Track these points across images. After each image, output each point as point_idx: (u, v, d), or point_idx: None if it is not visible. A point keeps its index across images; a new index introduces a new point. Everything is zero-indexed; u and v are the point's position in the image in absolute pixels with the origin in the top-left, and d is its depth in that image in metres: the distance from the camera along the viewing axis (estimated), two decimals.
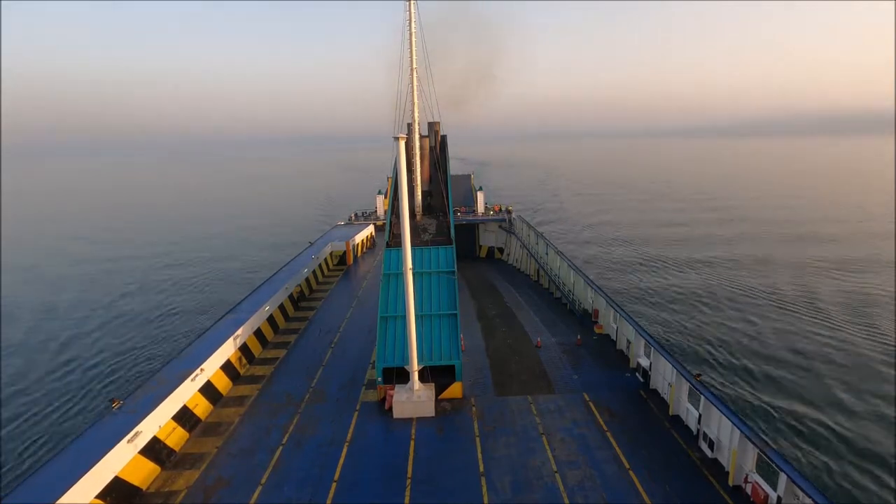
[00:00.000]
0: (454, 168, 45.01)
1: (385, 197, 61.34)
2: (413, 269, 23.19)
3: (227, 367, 26.56)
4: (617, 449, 20.15)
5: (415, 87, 33.16)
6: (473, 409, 23.52)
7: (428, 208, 39.76)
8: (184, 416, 22.10)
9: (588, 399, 24.08)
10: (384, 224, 53.57)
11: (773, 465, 16.08)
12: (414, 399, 22.84)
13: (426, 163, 39.98)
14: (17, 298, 58.07)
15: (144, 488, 18.78)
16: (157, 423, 20.35)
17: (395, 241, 29.65)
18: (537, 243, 47.33)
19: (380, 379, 24.12)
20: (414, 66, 32.16)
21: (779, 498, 15.92)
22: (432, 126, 41.62)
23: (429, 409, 22.89)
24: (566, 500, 17.42)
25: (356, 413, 23.46)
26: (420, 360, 23.64)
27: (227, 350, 26.76)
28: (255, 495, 18.15)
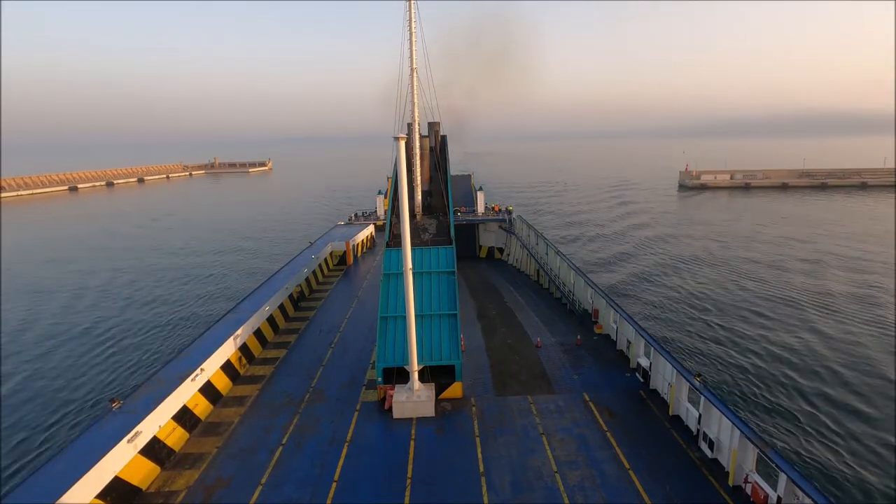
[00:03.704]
0: (453, 168, 45.04)
1: (385, 197, 61.37)
2: (413, 269, 23.20)
3: (227, 367, 26.57)
4: (617, 449, 20.16)
5: (415, 87, 33.18)
6: (473, 409, 23.53)
7: (428, 208, 39.77)
8: (184, 416, 22.10)
9: (588, 399, 24.09)
10: (384, 224, 53.60)
11: (773, 465, 16.08)
12: (414, 399, 22.85)
13: (426, 163, 40.02)
14: (18, 297, 58.07)
15: (144, 488, 18.78)
16: (157, 423, 20.35)
17: (395, 241, 29.66)
18: (537, 243, 47.35)
19: (380, 379, 24.12)
20: (414, 65, 32.18)
21: (779, 498, 15.93)
22: (432, 126, 41.65)
23: (429, 409, 22.90)
24: (566, 500, 17.43)
25: (356, 413, 23.47)
26: (420, 360, 23.65)
27: (227, 350, 26.76)
28: (255, 495, 18.15)
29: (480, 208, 60.33)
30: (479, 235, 60.03)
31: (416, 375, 23.37)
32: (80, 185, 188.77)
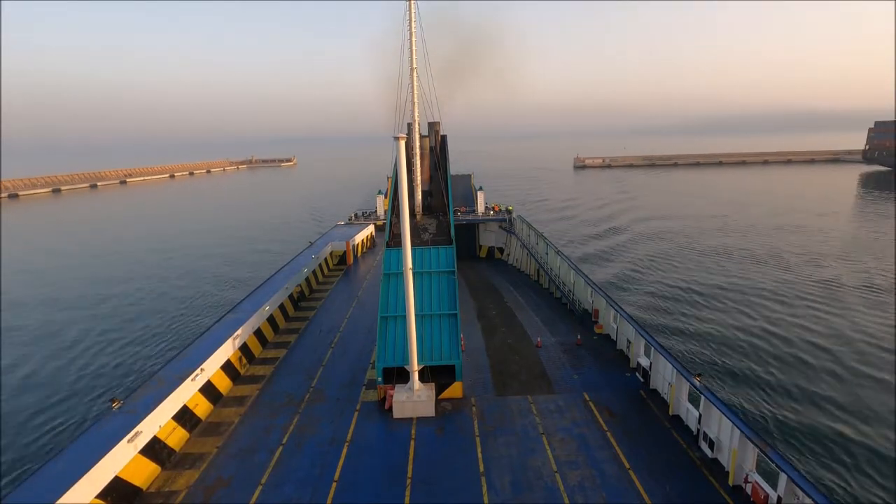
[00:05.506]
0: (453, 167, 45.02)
1: (385, 197, 61.37)
2: (413, 269, 23.19)
3: (227, 367, 26.58)
4: (617, 449, 20.16)
5: (415, 87, 33.15)
6: (473, 409, 23.53)
7: (428, 208, 39.75)
8: (184, 416, 22.11)
9: (588, 399, 24.08)
10: (384, 224, 53.59)
11: (773, 465, 16.08)
12: (414, 399, 22.85)
13: (426, 163, 40.00)
14: (18, 295, 58.08)
15: (145, 488, 18.79)
16: (157, 423, 20.36)
17: (395, 241, 29.66)
18: (537, 243, 47.35)
19: (380, 379, 24.11)
20: (414, 65, 32.15)
21: (779, 498, 15.93)
22: (432, 126, 41.63)
23: (429, 409, 22.90)
24: (566, 500, 17.43)
25: (356, 413, 23.47)
26: (420, 359, 23.65)
27: (227, 350, 26.77)
28: (255, 495, 18.15)
29: (480, 208, 60.34)
30: (479, 235, 60.02)
31: (416, 375, 23.36)
32: (176, 174, 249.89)
